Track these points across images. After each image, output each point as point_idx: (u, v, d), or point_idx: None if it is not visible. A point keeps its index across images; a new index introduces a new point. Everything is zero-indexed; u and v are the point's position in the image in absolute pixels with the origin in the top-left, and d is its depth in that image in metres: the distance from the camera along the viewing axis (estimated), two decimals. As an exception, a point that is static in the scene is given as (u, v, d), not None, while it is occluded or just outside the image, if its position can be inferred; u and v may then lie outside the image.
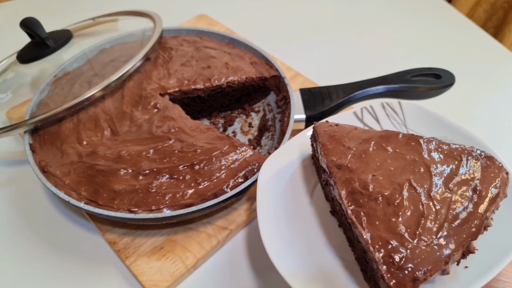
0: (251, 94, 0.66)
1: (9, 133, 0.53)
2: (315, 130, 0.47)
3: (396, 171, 0.40)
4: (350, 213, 0.38)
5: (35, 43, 0.61)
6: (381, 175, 0.40)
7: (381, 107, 0.55)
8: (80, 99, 0.54)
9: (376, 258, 0.35)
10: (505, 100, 0.75)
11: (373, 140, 0.43)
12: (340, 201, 0.40)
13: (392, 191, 0.38)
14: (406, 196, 0.38)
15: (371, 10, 0.97)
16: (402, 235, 0.36)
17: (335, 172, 0.41)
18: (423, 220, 0.36)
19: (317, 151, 0.47)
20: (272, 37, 0.87)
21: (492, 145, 0.66)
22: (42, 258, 0.52)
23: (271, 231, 0.44)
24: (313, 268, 0.42)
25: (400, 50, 0.85)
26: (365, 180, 0.39)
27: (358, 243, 0.40)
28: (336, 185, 0.40)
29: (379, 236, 0.36)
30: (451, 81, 0.61)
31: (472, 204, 0.38)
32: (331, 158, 0.42)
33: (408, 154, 0.42)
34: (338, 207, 0.44)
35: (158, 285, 0.47)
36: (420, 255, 0.35)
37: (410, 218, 0.37)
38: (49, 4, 0.95)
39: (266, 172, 0.48)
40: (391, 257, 0.34)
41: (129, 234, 0.52)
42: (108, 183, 0.48)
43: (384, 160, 0.41)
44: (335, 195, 0.42)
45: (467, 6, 1.20)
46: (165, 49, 0.65)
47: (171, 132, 0.53)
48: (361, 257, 0.41)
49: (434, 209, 0.37)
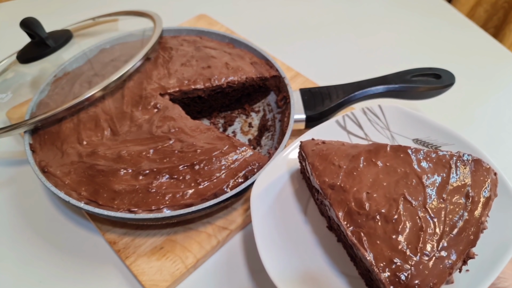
0: (251, 94, 0.66)
1: (9, 133, 0.53)
2: (302, 150, 0.46)
3: (389, 186, 0.40)
4: (351, 235, 0.38)
5: (35, 43, 0.61)
6: (375, 192, 0.40)
7: (362, 112, 0.54)
8: (80, 99, 0.54)
9: (383, 279, 0.35)
10: (505, 100, 0.75)
11: (362, 156, 0.43)
12: (338, 222, 0.40)
13: (389, 208, 0.38)
14: (403, 211, 0.38)
15: (371, 10, 0.97)
16: (404, 252, 0.36)
17: (330, 193, 0.41)
18: (423, 234, 0.37)
19: (307, 171, 0.46)
20: (272, 37, 0.87)
21: (492, 145, 0.67)
22: (42, 258, 0.52)
23: (269, 249, 0.43)
24: (315, 285, 0.42)
25: (400, 50, 0.85)
26: (360, 199, 0.39)
27: (361, 261, 0.40)
28: (333, 207, 0.40)
29: (383, 256, 0.36)
30: (451, 81, 0.61)
31: (466, 211, 0.38)
32: (323, 179, 0.42)
33: (399, 166, 0.42)
34: (335, 225, 0.44)
35: (158, 285, 0.47)
36: (424, 270, 0.35)
37: (409, 234, 0.37)
38: (49, 4, 0.95)
39: (258, 191, 0.47)
40: (397, 276, 0.35)
41: (129, 234, 0.52)
42: (108, 183, 0.48)
43: (376, 175, 0.41)
44: (332, 215, 0.42)
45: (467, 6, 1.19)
46: (165, 49, 0.65)
47: (171, 132, 0.53)
48: (366, 274, 0.41)
49: (432, 222, 0.38)
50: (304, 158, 0.46)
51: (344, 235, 0.41)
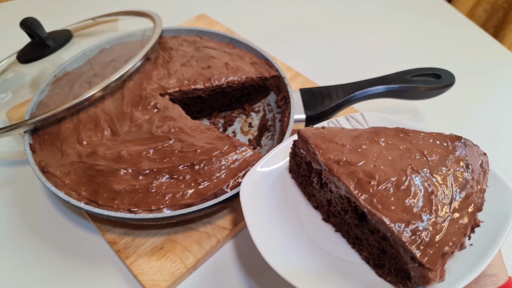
0: (251, 94, 0.66)
1: (9, 133, 0.53)
2: (302, 135, 0.46)
3: (394, 159, 0.41)
4: (364, 203, 0.37)
5: (35, 43, 0.61)
6: (382, 165, 0.40)
7: (345, 119, 0.54)
8: (80, 99, 0.54)
9: (403, 239, 0.35)
10: (505, 100, 0.75)
11: (364, 136, 0.44)
12: (348, 195, 0.40)
13: (398, 177, 0.39)
14: (412, 179, 0.39)
15: (371, 10, 0.97)
16: (420, 215, 0.36)
17: (336, 168, 0.41)
18: (434, 198, 0.37)
19: (307, 156, 0.46)
20: (272, 37, 0.87)
21: (492, 145, 0.67)
22: (42, 258, 0.52)
23: (269, 247, 0.43)
24: (317, 270, 0.42)
25: (400, 50, 0.85)
26: (369, 170, 0.40)
27: (372, 235, 0.40)
28: (341, 180, 0.39)
29: (399, 219, 0.36)
30: (451, 81, 0.61)
31: (469, 179, 0.40)
32: (328, 156, 0.42)
33: (400, 144, 0.43)
34: (338, 207, 0.44)
35: (158, 285, 0.47)
36: (442, 230, 0.36)
37: (422, 198, 0.37)
38: (49, 4, 0.95)
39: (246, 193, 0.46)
40: (417, 236, 0.35)
41: (129, 234, 0.52)
42: (108, 183, 0.48)
43: (380, 152, 0.42)
44: (337, 193, 0.42)
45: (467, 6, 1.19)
46: (165, 49, 0.65)
47: (171, 132, 0.53)
48: (374, 253, 0.41)
49: (440, 187, 0.39)
50: (306, 143, 0.45)
51: (350, 211, 0.41)
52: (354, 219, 0.42)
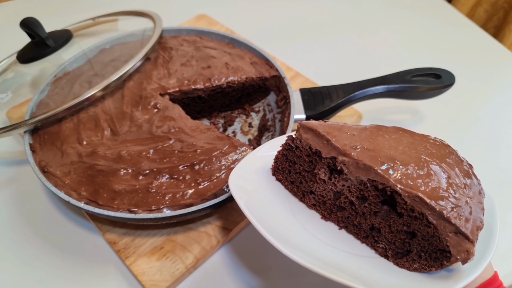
0: (251, 94, 0.66)
1: (9, 133, 0.53)
2: (307, 125, 0.44)
3: (405, 150, 0.41)
4: (395, 182, 0.37)
5: (35, 43, 0.61)
6: (397, 153, 0.40)
7: None
8: (80, 99, 0.54)
9: (446, 214, 0.35)
10: (505, 100, 0.75)
11: (369, 129, 0.44)
12: (374, 178, 0.39)
13: (416, 162, 0.39)
14: (428, 165, 0.39)
15: (371, 10, 0.97)
16: (448, 194, 0.37)
17: (355, 153, 0.40)
18: (452, 181, 0.38)
19: (314, 146, 0.43)
20: (272, 37, 0.87)
21: (492, 144, 0.67)
22: (42, 258, 0.52)
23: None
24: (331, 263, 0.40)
25: (400, 50, 0.85)
26: (388, 155, 0.39)
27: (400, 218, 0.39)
28: (365, 162, 0.38)
29: (435, 196, 0.36)
30: (451, 81, 0.61)
31: (468, 171, 0.42)
32: (344, 142, 0.41)
33: (404, 138, 0.43)
34: (352, 197, 0.42)
35: (158, 285, 0.47)
36: (468, 207, 0.36)
37: (444, 182, 0.38)
38: (49, 4, 0.95)
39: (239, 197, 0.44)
40: (455, 211, 0.35)
41: (129, 234, 0.52)
42: (108, 183, 0.48)
43: (389, 143, 0.42)
44: (357, 180, 0.40)
45: (467, 6, 1.19)
46: (165, 49, 0.65)
47: (171, 132, 0.53)
48: (397, 240, 0.40)
49: (453, 172, 0.40)
50: (297, 145, 0.44)
51: (372, 196, 0.40)
52: (374, 206, 0.41)
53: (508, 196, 0.60)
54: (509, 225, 0.55)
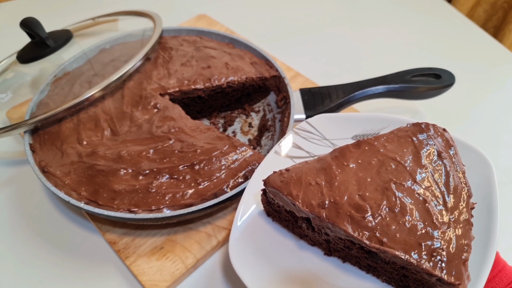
0: (251, 94, 0.66)
1: (9, 133, 0.53)
2: (271, 186, 0.42)
3: (374, 179, 0.40)
4: (369, 243, 0.36)
5: (35, 43, 0.61)
6: (366, 191, 0.39)
7: (294, 134, 0.53)
8: (80, 99, 0.54)
9: (425, 267, 0.34)
10: (504, 100, 0.75)
11: (333, 165, 0.42)
12: (347, 238, 0.38)
13: (387, 198, 0.38)
14: (401, 195, 0.38)
15: (371, 10, 0.97)
16: (427, 232, 0.36)
17: (324, 213, 0.39)
18: (430, 207, 0.37)
19: (286, 206, 0.42)
20: (272, 37, 0.87)
21: (492, 144, 0.67)
22: (42, 258, 0.52)
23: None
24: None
25: (400, 50, 0.85)
26: (357, 203, 0.38)
27: (387, 265, 0.39)
28: (336, 225, 0.38)
29: (410, 246, 0.35)
30: (451, 81, 0.61)
31: (448, 168, 0.40)
32: (310, 203, 0.39)
33: (370, 158, 0.41)
34: (339, 245, 0.42)
35: (158, 285, 0.47)
36: (452, 239, 0.35)
37: (419, 212, 0.37)
38: (49, 4, 0.95)
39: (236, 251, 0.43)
40: (435, 257, 0.34)
41: (129, 234, 0.52)
42: (108, 183, 0.48)
43: (356, 176, 0.40)
44: (337, 234, 0.40)
45: (467, 6, 1.19)
46: (165, 49, 0.65)
47: (171, 132, 0.53)
48: (394, 277, 0.40)
49: (429, 192, 0.38)
50: (277, 195, 0.42)
51: (356, 248, 0.40)
52: (362, 253, 0.40)
53: (508, 196, 0.60)
54: (509, 226, 0.55)
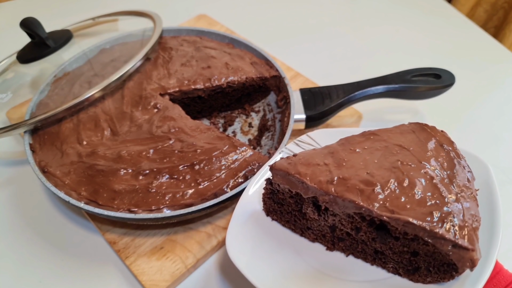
0: (251, 94, 0.66)
1: (9, 133, 0.53)
2: (278, 169, 0.41)
3: (381, 161, 0.40)
4: (380, 212, 0.36)
5: (35, 43, 0.61)
6: (374, 170, 0.39)
7: (295, 145, 0.52)
8: (80, 99, 0.54)
9: (439, 231, 0.34)
10: (505, 100, 0.75)
11: (340, 149, 0.42)
12: (359, 211, 0.37)
13: (395, 175, 0.38)
14: (408, 172, 0.39)
15: (371, 10, 0.97)
16: (436, 202, 0.36)
17: (333, 188, 0.38)
18: (437, 183, 0.38)
19: (293, 188, 0.42)
20: (272, 37, 0.87)
21: (492, 144, 0.67)
22: (42, 258, 0.52)
23: None
24: None
25: (400, 50, 0.85)
26: (366, 178, 0.39)
27: (397, 241, 0.38)
28: (345, 197, 0.37)
29: (422, 213, 0.35)
30: (451, 81, 0.61)
31: (452, 155, 0.41)
32: (319, 179, 0.39)
33: (375, 145, 0.42)
34: (346, 229, 0.41)
35: (158, 285, 0.47)
36: (461, 209, 0.36)
37: (428, 188, 0.37)
38: (49, 4, 0.95)
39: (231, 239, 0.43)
40: (448, 223, 0.35)
41: (129, 234, 0.52)
42: (108, 183, 0.48)
43: (363, 158, 0.41)
44: (344, 213, 0.39)
45: (467, 6, 1.19)
46: (165, 49, 0.65)
47: (171, 132, 0.53)
48: (403, 260, 0.40)
49: (434, 172, 0.39)
50: (286, 176, 0.41)
51: (364, 227, 0.39)
52: (370, 234, 0.40)
53: (508, 196, 0.60)
54: (510, 225, 0.55)
